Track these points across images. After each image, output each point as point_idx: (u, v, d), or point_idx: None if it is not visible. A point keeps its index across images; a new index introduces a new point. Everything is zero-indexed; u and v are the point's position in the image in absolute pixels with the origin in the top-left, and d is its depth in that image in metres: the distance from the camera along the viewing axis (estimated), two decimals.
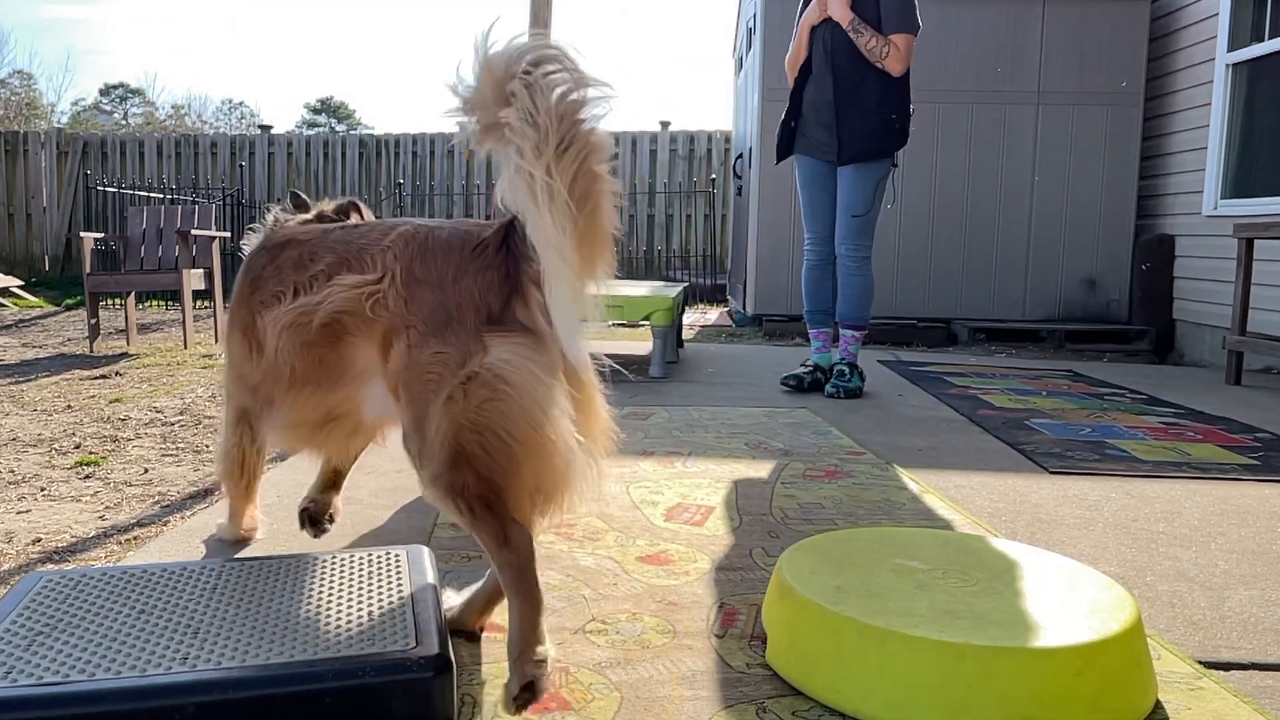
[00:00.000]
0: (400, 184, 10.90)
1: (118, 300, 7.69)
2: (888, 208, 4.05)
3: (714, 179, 10.76)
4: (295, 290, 1.49)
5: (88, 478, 2.71)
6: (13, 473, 2.76)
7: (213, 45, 59.20)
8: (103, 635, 1.25)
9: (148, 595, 1.38)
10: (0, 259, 10.95)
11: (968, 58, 6.56)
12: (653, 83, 62.01)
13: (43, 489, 2.59)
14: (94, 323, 5.73)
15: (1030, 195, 6.67)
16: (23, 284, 9.02)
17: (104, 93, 35.96)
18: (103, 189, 10.86)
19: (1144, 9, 6.48)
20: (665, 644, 1.48)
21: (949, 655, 1.23)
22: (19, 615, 1.31)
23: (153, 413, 3.68)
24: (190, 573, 1.48)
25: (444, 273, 1.34)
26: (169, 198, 10.59)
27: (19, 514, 2.36)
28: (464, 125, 1.26)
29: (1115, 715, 1.25)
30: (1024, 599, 1.38)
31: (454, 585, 1.61)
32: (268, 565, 1.52)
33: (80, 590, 1.40)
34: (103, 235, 7.59)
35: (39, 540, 2.15)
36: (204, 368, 4.96)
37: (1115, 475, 2.68)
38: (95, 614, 1.32)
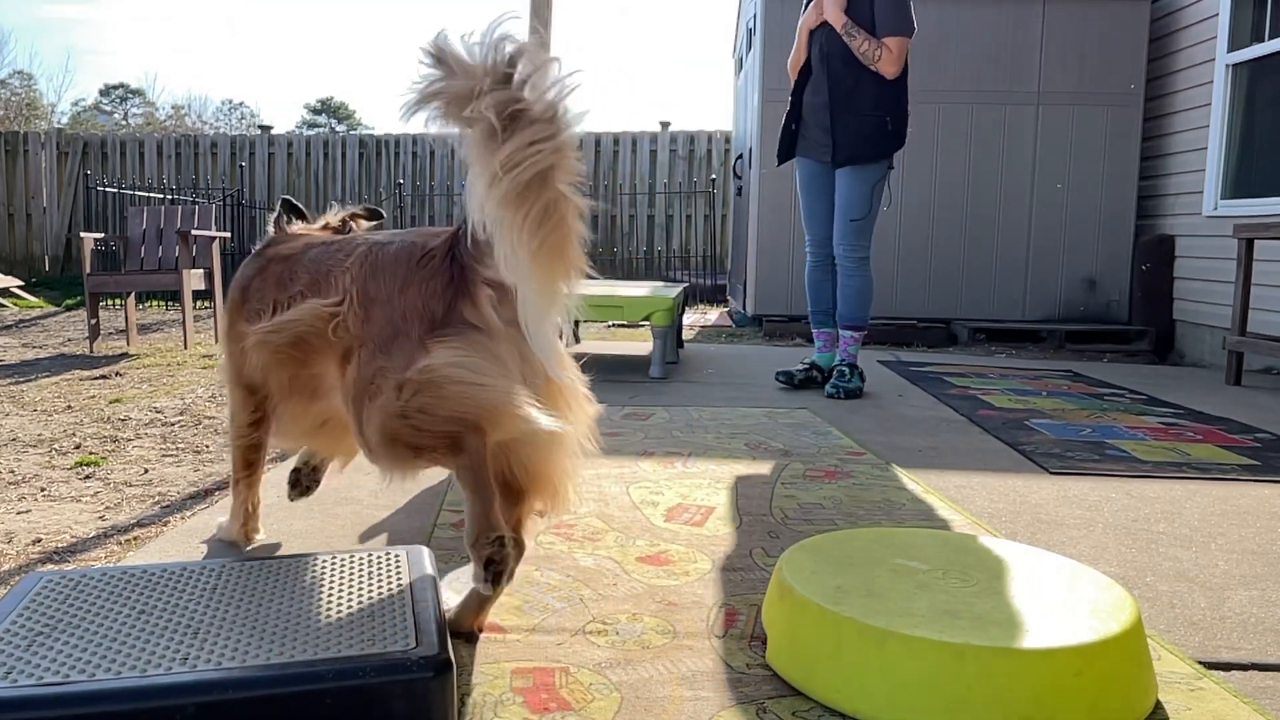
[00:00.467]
0: (400, 184, 10.91)
1: (118, 300, 7.69)
2: (885, 209, 4.05)
3: (714, 179, 10.76)
4: (274, 308, 1.58)
5: (88, 478, 2.71)
6: (13, 473, 2.76)
7: (213, 45, 59.25)
8: (103, 635, 1.25)
9: (148, 595, 1.38)
10: (0, 259, 10.96)
11: (967, 58, 6.56)
12: (653, 83, 62.04)
13: (43, 489, 2.59)
14: (94, 323, 5.73)
15: (1030, 195, 6.67)
16: (23, 284, 9.02)
17: (104, 93, 36.03)
18: (103, 189, 10.86)
19: (1144, 9, 6.48)
20: (665, 644, 1.48)
21: (949, 655, 1.23)
22: (19, 615, 1.31)
23: (153, 413, 3.68)
24: (190, 573, 1.48)
25: (392, 288, 1.40)
26: (169, 198, 10.59)
27: (19, 514, 2.36)
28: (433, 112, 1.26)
29: (1115, 716, 1.25)
30: (1024, 599, 1.38)
31: (451, 586, 1.61)
32: (268, 566, 1.52)
33: (80, 590, 1.40)
34: (103, 235, 7.58)
35: (39, 540, 2.15)
36: (204, 368, 4.96)
37: (1115, 475, 2.68)
38: (95, 614, 1.32)
